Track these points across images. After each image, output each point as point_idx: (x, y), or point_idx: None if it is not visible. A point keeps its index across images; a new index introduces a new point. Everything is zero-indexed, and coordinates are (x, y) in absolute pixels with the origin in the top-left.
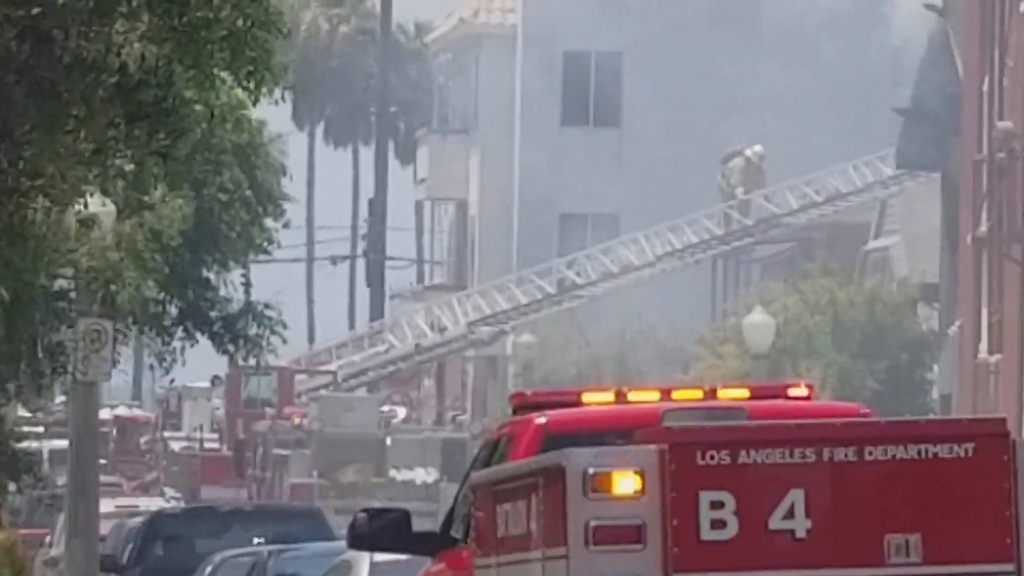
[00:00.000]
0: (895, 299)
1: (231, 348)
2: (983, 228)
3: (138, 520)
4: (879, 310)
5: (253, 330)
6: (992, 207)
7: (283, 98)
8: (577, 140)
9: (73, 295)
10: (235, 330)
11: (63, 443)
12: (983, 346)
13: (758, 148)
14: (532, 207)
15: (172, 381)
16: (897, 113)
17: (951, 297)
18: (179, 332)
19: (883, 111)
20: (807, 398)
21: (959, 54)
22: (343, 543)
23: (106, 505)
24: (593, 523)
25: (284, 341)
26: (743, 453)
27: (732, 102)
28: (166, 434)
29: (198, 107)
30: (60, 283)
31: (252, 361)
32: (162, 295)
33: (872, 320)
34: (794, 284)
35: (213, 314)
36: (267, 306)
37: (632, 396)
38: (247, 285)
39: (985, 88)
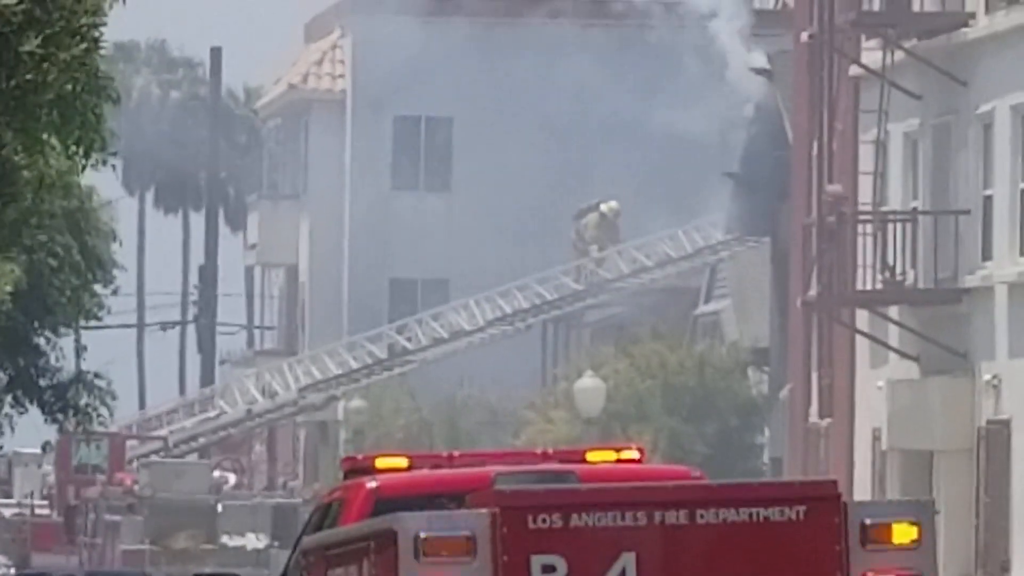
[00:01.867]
0: (725, 363)
1: (61, 417)
2: (812, 292)
3: None
4: (709, 374)
5: (83, 399)
6: (822, 271)
7: (107, 163)
8: (407, 205)
9: None
10: (65, 399)
11: None
12: (813, 409)
13: (613, 204)
14: (362, 272)
15: (1, 448)
16: (727, 177)
17: (781, 361)
18: (8, 400)
19: (713, 176)
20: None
21: (788, 118)
22: None
23: None
24: None
25: (111, 413)
26: (575, 516)
27: (561, 167)
28: None
29: (27, 173)
30: None
31: (82, 430)
32: None
33: (702, 384)
34: (624, 348)
35: (43, 383)
36: (97, 375)
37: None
38: (79, 351)
39: (814, 152)
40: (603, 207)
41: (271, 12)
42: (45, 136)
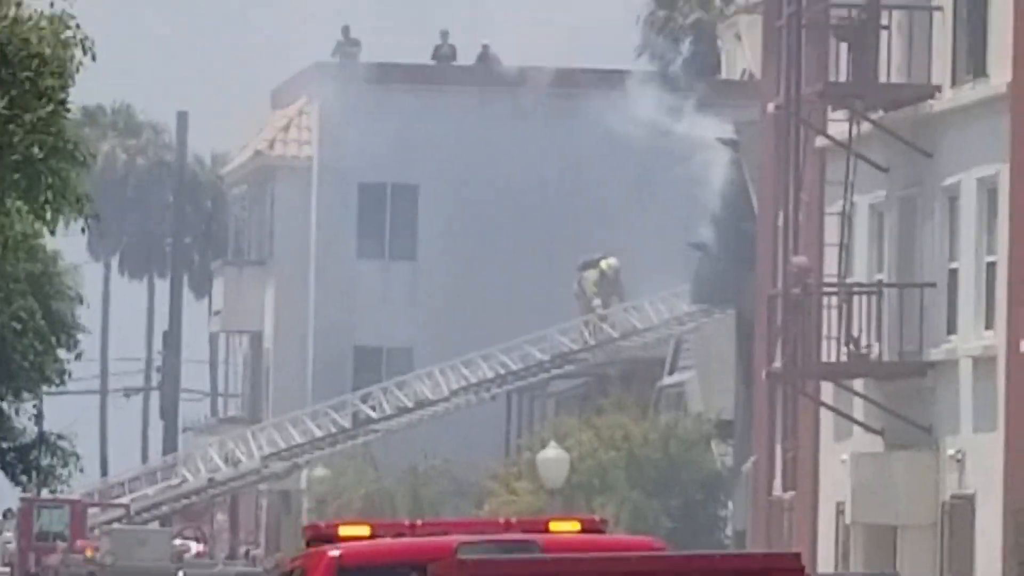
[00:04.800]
0: (690, 435)
1: (24, 479)
2: (777, 364)
3: None
4: (674, 446)
5: (46, 460)
6: (786, 343)
7: (83, 229)
8: (373, 273)
9: None
10: (28, 460)
11: None
12: (777, 482)
13: (612, 261)
14: (327, 340)
15: None
16: (693, 248)
17: (745, 433)
18: None
19: (679, 246)
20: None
21: (754, 188)
22: None
23: None
24: None
25: (81, 470)
26: None
27: (526, 235)
28: None
29: None
30: None
31: (46, 492)
32: None
33: (667, 456)
34: (588, 419)
35: (5, 445)
36: (60, 436)
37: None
38: (39, 416)
39: (780, 223)
40: (603, 264)
41: (238, 78)
42: (9, 199)
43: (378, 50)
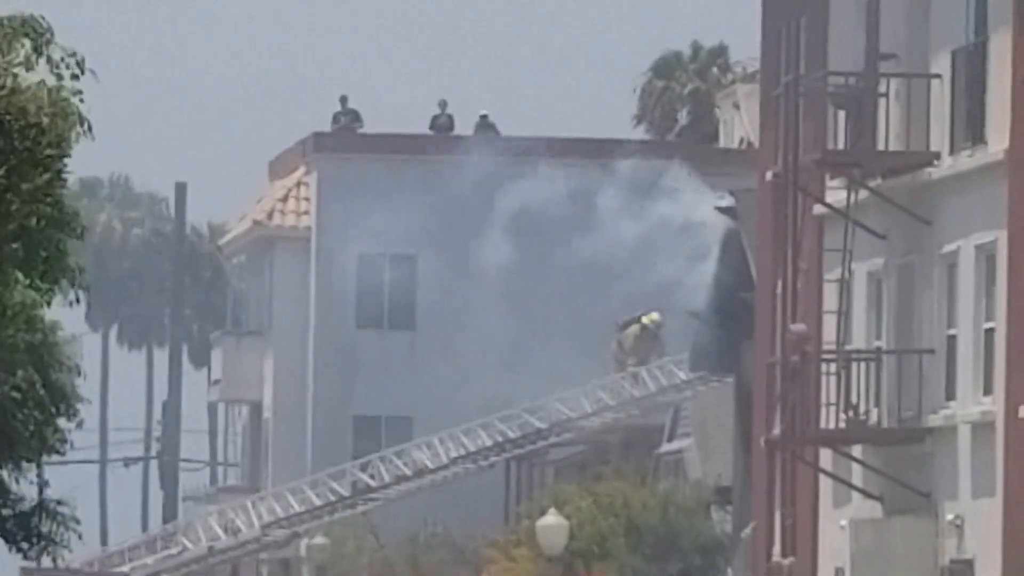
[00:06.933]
0: (689, 502)
1: (24, 546)
2: (776, 431)
3: None
4: (672, 513)
5: (46, 527)
6: (785, 410)
7: (77, 299)
8: (371, 342)
9: None
10: (28, 528)
11: None
12: (776, 549)
13: (655, 316)
14: (326, 409)
15: None
16: (691, 316)
17: (744, 500)
18: None
19: (677, 315)
20: None
21: (752, 256)
22: None
23: None
24: None
25: (80, 537)
26: None
27: (525, 304)
28: None
29: None
30: None
31: (46, 558)
32: None
33: (666, 522)
34: (588, 487)
35: (5, 512)
36: (59, 503)
37: None
38: (41, 486)
39: (778, 290)
40: (644, 319)
41: (236, 149)
42: (8, 268)
43: (376, 120)
